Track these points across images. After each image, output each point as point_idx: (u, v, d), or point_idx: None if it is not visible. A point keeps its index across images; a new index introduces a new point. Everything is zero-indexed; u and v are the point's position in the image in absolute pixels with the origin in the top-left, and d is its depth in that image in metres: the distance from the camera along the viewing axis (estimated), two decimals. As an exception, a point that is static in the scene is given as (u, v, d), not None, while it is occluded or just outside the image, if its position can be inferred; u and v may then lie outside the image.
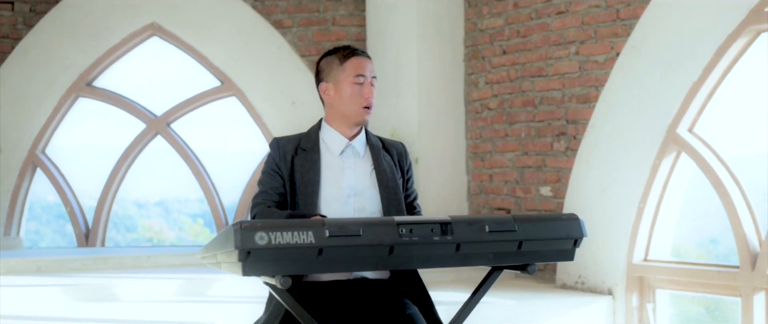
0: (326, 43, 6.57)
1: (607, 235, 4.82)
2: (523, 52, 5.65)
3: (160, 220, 14.29)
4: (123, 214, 12.42)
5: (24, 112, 6.51)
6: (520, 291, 5.01)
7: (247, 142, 6.54)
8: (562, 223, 2.40)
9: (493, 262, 2.40)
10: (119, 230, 12.70)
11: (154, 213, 14.29)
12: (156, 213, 14.30)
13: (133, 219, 13.91)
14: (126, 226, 13.39)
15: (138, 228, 13.45)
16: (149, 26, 6.53)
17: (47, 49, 6.52)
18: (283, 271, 2.17)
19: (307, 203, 2.71)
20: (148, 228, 13.85)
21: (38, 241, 8.64)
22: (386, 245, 2.22)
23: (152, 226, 14.15)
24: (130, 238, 12.82)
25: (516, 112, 5.70)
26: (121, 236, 12.65)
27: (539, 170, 5.51)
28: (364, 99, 2.74)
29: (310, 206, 2.69)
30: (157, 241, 13.18)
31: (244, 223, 2.10)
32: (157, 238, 13.18)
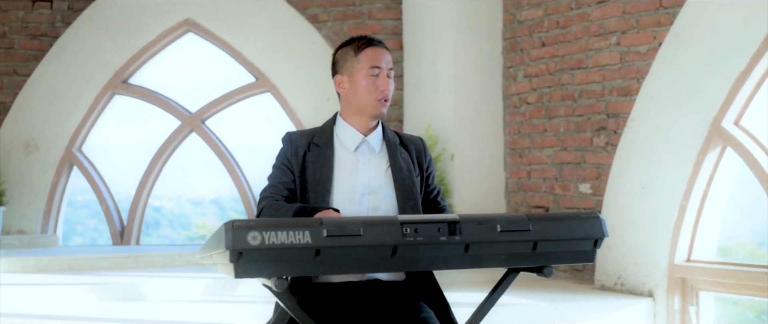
0: (362, 38, 6.44)
1: (648, 235, 4.61)
2: (562, 43, 5.45)
3: (214, 218, 14.33)
4: (179, 211, 12.49)
5: (61, 110, 6.51)
6: (556, 292, 4.83)
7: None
8: (581, 223, 2.23)
9: (506, 263, 2.24)
10: (174, 228, 12.76)
11: (210, 211, 14.34)
12: (211, 211, 14.34)
13: (188, 217, 13.97)
14: (181, 224, 13.44)
15: (192, 226, 13.50)
16: (184, 22, 6.49)
17: (83, 46, 6.51)
18: (279, 272, 2.04)
19: (318, 201, 2.58)
20: (202, 226, 13.90)
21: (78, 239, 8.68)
22: (389, 246, 2.07)
23: (206, 224, 14.19)
24: (185, 235, 12.88)
25: (555, 106, 5.50)
26: (177, 233, 12.71)
27: (578, 167, 5.31)
28: (380, 91, 2.61)
29: (321, 204, 2.57)
30: None
31: (236, 222, 1.98)
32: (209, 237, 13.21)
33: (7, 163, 6.46)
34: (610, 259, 4.85)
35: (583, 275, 5.25)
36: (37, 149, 6.51)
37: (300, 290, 2.52)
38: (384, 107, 2.62)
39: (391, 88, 2.64)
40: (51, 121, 6.51)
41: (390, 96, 2.64)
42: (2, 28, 6.68)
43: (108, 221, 6.56)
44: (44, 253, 5.75)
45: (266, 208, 2.55)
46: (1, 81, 6.67)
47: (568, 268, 5.38)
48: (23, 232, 6.50)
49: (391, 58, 2.67)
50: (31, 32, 6.68)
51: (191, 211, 13.83)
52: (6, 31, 6.68)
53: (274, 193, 2.60)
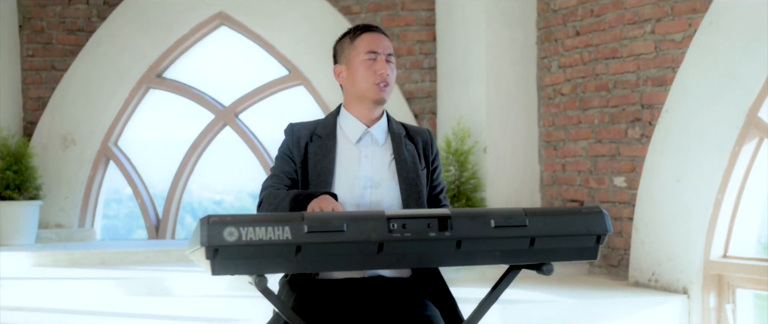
0: (395, 29, 6.36)
1: (682, 229, 4.44)
2: (596, 32, 5.29)
3: None
4: (239, 205, 12.63)
5: (97, 105, 6.56)
6: (588, 288, 4.68)
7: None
8: (581, 218, 2.12)
9: (501, 260, 2.14)
10: None
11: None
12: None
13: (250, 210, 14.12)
14: None
15: None
16: (217, 15, 6.47)
17: (118, 41, 6.55)
18: (257, 270, 1.98)
19: (320, 194, 2.50)
20: None
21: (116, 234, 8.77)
22: (374, 242, 1.99)
23: None
24: None
25: (589, 97, 5.34)
26: None
27: (613, 159, 5.14)
28: (377, 75, 2.52)
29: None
30: None
31: (212, 217, 1.92)
32: None
33: (44, 157, 6.53)
34: (643, 255, 4.69)
35: (618, 271, 5.09)
36: (74, 143, 6.57)
37: (301, 286, 2.46)
38: (384, 92, 2.53)
39: (391, 74, 2.55)
40: (87, 116, 6.56)
41: (390, 81, 2.55)
42: (40, 24, 6.75)
43: (143, 216, 6.59)
44: (80, 247, 5.80)
45: (266, 197, 2.50)
46: (40, 76, 6.75)
47: (603, 263, 5.22)
48: (61, 226, 6.57)
49: (391, 45, 2.59)
50: (68, 27, 6.74)
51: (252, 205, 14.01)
52: (44, 27, 6.75)
53: (275, 182, 2.54)
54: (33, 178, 6.24)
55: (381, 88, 2.52)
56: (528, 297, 4.38)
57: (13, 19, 6.70)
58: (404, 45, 6.35)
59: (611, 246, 5.14)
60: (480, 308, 2.32)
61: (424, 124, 6.29)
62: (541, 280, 4.96)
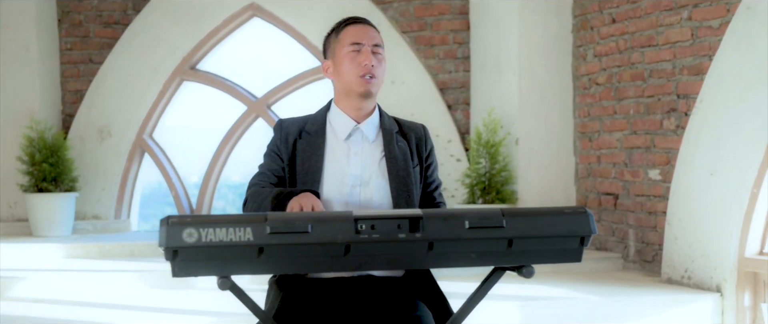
0: (429, 18, 6.25)
1: (716, 225, 4.24)
2: (632, 19, 5.09)
3: None
4: None
5: (132, 97, 6.60)
6: (618, 285, 4.52)
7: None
8: (563, 218, 2.00)
9: (477, 262, 2.03)
10: None
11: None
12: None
13: None
14: None
15: None
16: (249, 7, 6.44)
17: (152, 33, 6.57)
18: (218, 271, 1.91)
19: (307, 192, 2.42)
20: None
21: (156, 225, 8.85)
22: (340, 243, 1.90)
23: None
24: None
25: (625, 86, 5.15)
26: None
27: (648, 151, 4.95)
28: (362, 66, 2.42)
29: (312, 194, 2.41)
30: None
31: (172, 218, 1.85)
32: None
33: (81, 149, 6.60)
34: (676, 251, 4.50)
35: (652, 267, 4.91)
36: (110, 136, 6.62)
37: (289, 286, 2.39)
38: (370, 84, 2.43)
39: (378, 66, 2.45)
40: (122, 108, 6.61)
41: (377, 73, 2.44)
42: (78, 17, 6.81)
43: (177, 207, 6.61)
44: (112, 239, 5.84)
45: (251, 195, 2.43)
46: (77, 69, 6.82)
47: (637, 258, 5.04)
48: (97, 218, 6.63)
49: (378, 36, 2.49)
50: (105, 20, 6.79)
51: None
52: (82, 21, 6.81)
53: (261, 180, 2.47)
54: (69, 170, 6.31)
55: (366, 81, 2.43)
56: (551, 293, 4.24)
57: (52, 14, 6.77)
58: (438, 34, 6.23)
59: (646, 241, 4.96)
60: (462, 311, 2.22)
61: (457, 115, 6.17)
62: (568, 276, 4.81)
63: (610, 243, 5.30)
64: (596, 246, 5.43)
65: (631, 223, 5.08)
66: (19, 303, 4.24)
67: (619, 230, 5.20)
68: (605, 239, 5.34)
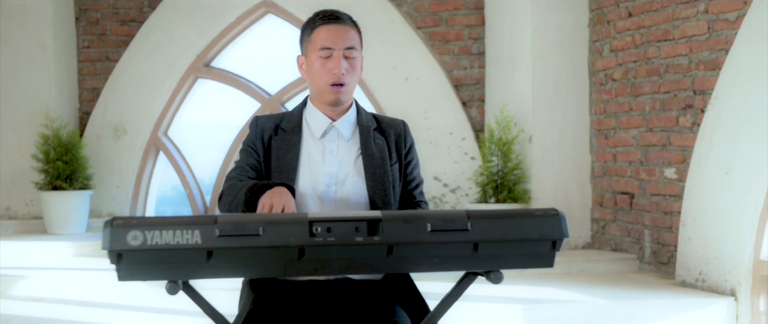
0: (443, 14, 6.14)
1: (731, 226, 4.08)
2: (648, 13, 4.94)
3: None
4: None
5: (147, 94, 6.58)
6: (629, 288, 4.37)
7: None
8: (534, 221, 1.89)
9: (441, 267, 1.93)
10: None
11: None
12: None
13: None
14: None
15: None
16: (263, 3, 6.38)
17: (167, 31, 6.54)
18: (166, 276, 1.83)
19: (282, 192, 2.34)
20: None
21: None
22: (293, 247, 1.82)
23: None
24: None
25: (640, 82, 5.00)
26: None
27: (664, 149, 4.80)
28: (331, 74, 2.32)
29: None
30: None
31: (116, 220, 1.78)
32: None
33: (97, 146, 6.60)
34: (690, 253, 4.35)
35: (668, 269, 4.75)
36: (126, 133, 6.61)
37: (262, 287, 2.32)
38: (339, 93, 2.34)
39: (350, 72, 2.35)
40: (137, 106, 6.59)
41: (347, 80, 2.35)
42: (95, 15, 6.81)
43: (191, 205, 6.59)
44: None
45: (226, 189, 2.36)
46: (95, 67, 6.82)
47: (653, 260, 4.89)
48: (113, 215, 6.63)
49: (353, 36, 2.39)
50: (121, 18, 6.78)
51: None
52: (99, 18, 6.81)
53: (239, 174, 2.40)
54: (83, 168, 6.31)
55: (335, 90, 2.33)
56: (558, 296, 4.12)
57: (70, 12, 6.78)
58: (452, 30, 6.11)
59: (661, 242, 4.81)
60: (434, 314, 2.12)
61: (472, 112, 6.05)
62: (579, 278, 4.68)
63: (625, 244, 5.15)
64: (612, 247, 5.28)
65: (647, 223, 4.93)
66: (20, 302, 4.22)
67: (635, 231, 5.05)
68: (621, 240, 5.19)
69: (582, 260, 4.97)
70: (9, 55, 6.60)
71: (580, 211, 5.47)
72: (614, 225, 5.26)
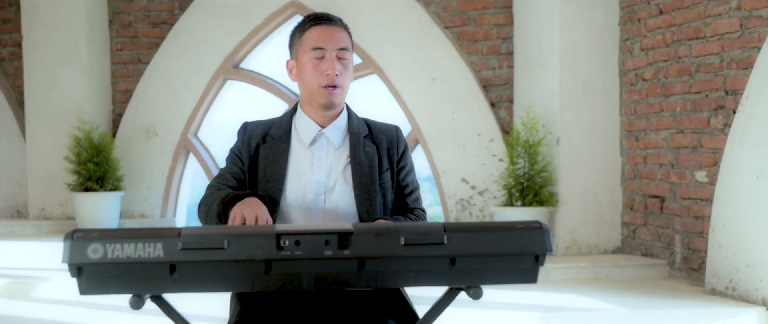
0: (472, 13, 6.03)
1: (762, 232, 3.91)
2: (679, 10, 4.77)
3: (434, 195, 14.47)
4: None
5: (177, 96, 6.60)
6: (656, 295, 4.22)
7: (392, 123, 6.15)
8: (515, 235, 1.79)
9: (416, 282, 1.84)
10: None
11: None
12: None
13: None
14: None
15: None
16: (290, 5, 6.35)
17: (196, 32, 6.55)
18: (128, 290, 1.77)
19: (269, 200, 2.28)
20: None
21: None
22: (260, 261, 1.75)
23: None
24: None
25: (671, 82, 4.84)
26: None
27: (695, 151, 4.63)
28: (324, 76, 2.25)
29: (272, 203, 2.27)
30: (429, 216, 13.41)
31: (77, 232, 1.73)
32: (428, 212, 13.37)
33: (129, 148, 6.64)
34: (721, 259, 4.18)
35: (698, 276, 4.59)
36: (156, 135, 6.64)
37: (248, 297, 2.26)
38: (332, 96, 2.26)
39: (343, 73, 2.28)
40: (168, 108, 6.61)
41: (341, 82, 2.27)
42: (127, 18, 6.85)
43: (220, 207, 6.56)
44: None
45: (204, 198, 2.31)
46: (127, 69, 6.86)
47: (683, 266, 4.73)
48: (144, 216, 6.66)
49: (345, 37, 2.31)
50: (153, 20, 6.81)
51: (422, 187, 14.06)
52: (131, 21, 6.85)
53: (219, 183, 2.34)
54: (114, 169, 6.35)
55: (328, 92, 2.26)
56: (578, 304, 3.99)
57: (103, 15, 6.84)
58: (481, 29, 6.00)
59: (692, 248, 4.64)
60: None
61: (501, 113, 5.93)
62: (606, 284, 4.55)
63: (656, 249, 4.99)
64: (642, 252, 5.12)
65: (678, 228, 4.77)
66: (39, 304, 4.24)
67: (666, 236, 4.89)
68: (651, 245, 5.03)
69: (610, 265, 4.83)
70: (44, 58, 6.67)
71: (610, 214, 5.32)
72: (645, 229, 5.10)
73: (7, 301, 4.28)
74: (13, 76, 7.10)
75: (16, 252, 5.43)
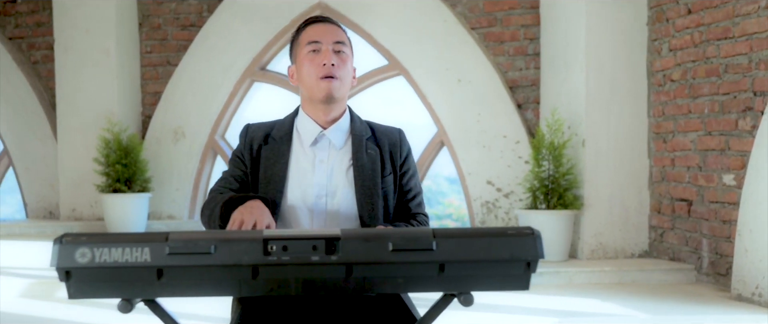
0: (499, 14, 5.97)
1: (788, 237, 3.81)
2: (708, 10, 4.68)
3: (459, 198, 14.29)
4: (436, 189, 12.71)
5: (204, 98, 6.63)
6: (680, 301, 4.13)
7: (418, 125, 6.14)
8: (505, 241, 1.75)
9: (405, 289, 1.81)
10: (432, 205, 13.00)
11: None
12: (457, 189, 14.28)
13: (444, 194, 14.20)
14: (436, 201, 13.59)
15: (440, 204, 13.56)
16: (317, 6, 6.35)
17: (224, 35, 6.58)
18: (117, 294, 1.77)
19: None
20: (449, 204, 14.00)
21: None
22: (247, 266, 1.73)
23: (452, 202, 14.27)
24: (432, 213, 12.94)
25: (699, 83, 4.74)
26: (434, 210, 12.92)
27: (723, 154, 4.53)
28: (321, 67, 2.22)
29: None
30: (457, 217, 13.24)
31: (66, 236, 1.73)
32: (456, 214, 13.19)
33: (157, 150, 6.70)
34: (747, 265, 4.08)
35: (725, 281, 4.49)
36: (184, 137, 6.68)
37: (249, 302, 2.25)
38: (330, 86, 2.22)
39: (340, 66, 2.25)
40: (195, 110, 6.65)
41: (339, 74, 2.23)
42: (157, 21, 6.91)
43: (247, 208, 6.59)
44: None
45: (206, 202, 2.30)
46: (156, 71, 6.92)
47: (710, 271, 4.62)
48: (172, 217, 6.71)
49: (342, 34, 2.28)
50: (182, 23, 6.86)
51: (448, 189, 13.91)
52: (160, 24, 6.91)
53: (222, 185, 2.33)
54: (142, 171, 6.41)
55: (328, 82, 2.22)
56: (598, 309, 3.92)
57: (133, 18, 6.90)
58: (507, 30, 5.94)
59: (720, 252, 4.54)
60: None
61: (527, 114, 5.87)
62: (631, 289, 4.46)
63: (683, 253, 4.89)
64: (669, 256, 5.02)
65: (705, 232, 4.67)
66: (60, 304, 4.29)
67: (693, 240, 4.79)
68: (678, 249, 4.94)
69: (635, 270, 4.75)
70: (75, 61, 6.76)
71: (638, 217, 5.23)
72: (672, 233, 5.01)
73: (30, 301, 4.33)
74: (46, 78, 7.21)
75: (44, 253, 5.49)
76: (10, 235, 6.39)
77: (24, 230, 6.59)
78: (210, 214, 2.21)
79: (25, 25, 7.30)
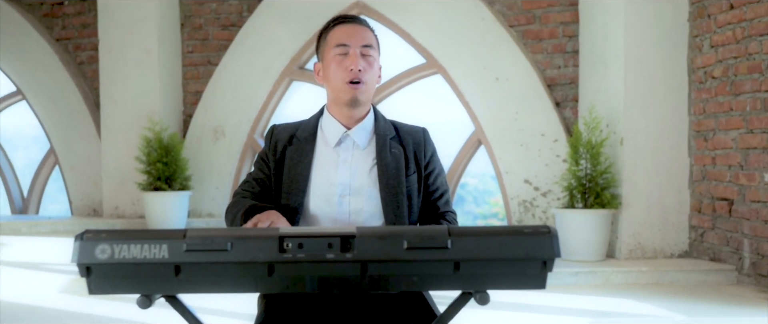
0: (537, 11, 5.92)
1: (830, 238, 3.71)
2: (751, 5, 4.58)
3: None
4: (482, 188, 12.69)
5: (244, 97, 6.69)
6: (719, 302, 4.06)
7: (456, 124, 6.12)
8: (521, 240, 1.73)
9: (420, 286, 1.81)
10: (478, 204, 13.01)
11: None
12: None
13: (491, 193, 14.16)
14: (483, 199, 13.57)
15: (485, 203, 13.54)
16: (355, 5, 6.37)
17: (263, 34, 6.63)
18: (136, 290, 1.80)
19: (293, 202, 2.29)
20: (495, 203, 13.98)
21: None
22: (263, 263, 1.75)
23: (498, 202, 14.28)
24: (478, 212, 12.92)
25: (741, 80, 4.65)
26: (480, 209, 12.91)
27: (765, 152, 4.44)
28: (347, 71, 2.23)
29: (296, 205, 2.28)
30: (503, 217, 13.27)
31: (87, 233, 1.76)
32: (502, 213, 13.20)
33: (198, 148, 6.77)
34: (788, 266, 3.99)
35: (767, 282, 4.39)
36: (224, 135, 6.75)
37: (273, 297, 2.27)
38: (357, 91, 2.23)
39: (367, 69, 2.26)
40: (235, 108, 6.72)
41: (365, 78, 2.24)
42: (198, 21, 6.99)
43: (286, 206, 6.63)
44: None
45: (229, 206, 2.33)
46: (198, 71, 7.00)
47: (752, 272, 4.53)
48: (212, 215, 6.79)
49: (370, 36, 2.29)
50: (223, 23, 6.93)
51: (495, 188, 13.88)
52: (202, 24, 6.99)
53: (245, 189, 2.36)
54: (182, 169, 6.49)
55: (354, 87, 2.23)
56: (633, 309, 3.87)
57: (175, 19, 6.99)
58: (546, 27, 5.89)
59: (762, 253, 4.44)
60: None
61: (566, 113, 5.81)
62: (669, 289, 4.40)
63: (724, 254, 4.80)
64: (709, 256, 4.93)
65: (746, 232, 4.57)
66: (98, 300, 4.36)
67: (734, 240, 4.69)
68: (719, 249, 4.84)
69: (674, 270, 4.67)
70: (119, 61, 6.87)
71: (677, 217, 5.15)
72: (713, 233, 4.92)
73: (69, 296, 4.42)
74: (91, 78, 7.34)
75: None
76: (54, 232, 6.52)
77: (68, 227, 6.72)
78: (232, 220, 2.23)
79: (72, 27, 7.44)
